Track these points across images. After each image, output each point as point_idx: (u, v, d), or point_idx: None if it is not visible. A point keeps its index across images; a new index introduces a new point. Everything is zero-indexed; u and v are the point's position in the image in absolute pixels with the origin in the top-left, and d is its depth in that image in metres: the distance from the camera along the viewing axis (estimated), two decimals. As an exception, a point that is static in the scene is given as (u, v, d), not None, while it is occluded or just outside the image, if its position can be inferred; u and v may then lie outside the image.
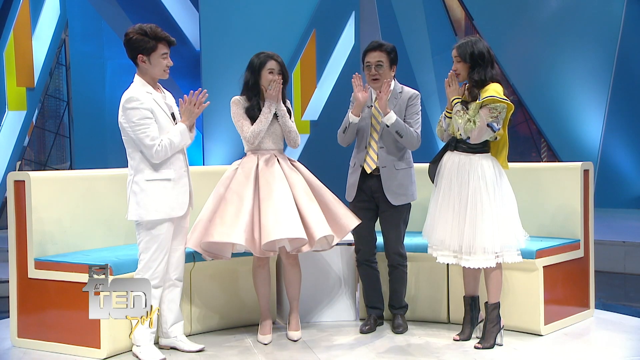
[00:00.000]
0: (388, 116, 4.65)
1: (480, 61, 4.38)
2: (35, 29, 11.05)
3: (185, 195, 4.33)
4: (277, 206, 4.44)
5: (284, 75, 4.67)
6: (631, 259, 8.11)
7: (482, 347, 4.45)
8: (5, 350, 4.58)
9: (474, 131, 4.35)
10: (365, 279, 4.97)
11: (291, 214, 4.43)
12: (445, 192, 4.47)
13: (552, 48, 12.05)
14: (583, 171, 5.13)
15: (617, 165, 12.26)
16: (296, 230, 4.40)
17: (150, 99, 4.22)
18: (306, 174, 4.73)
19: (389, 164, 4.73)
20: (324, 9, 11.32)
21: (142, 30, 4.22)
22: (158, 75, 4.30)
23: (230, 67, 10.06)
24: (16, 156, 10.98)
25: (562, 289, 4.98)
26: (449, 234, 4.43)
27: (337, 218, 4.62)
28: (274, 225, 4.38)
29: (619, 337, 4.82)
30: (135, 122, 4.15)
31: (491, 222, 4.34)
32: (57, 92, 12.05)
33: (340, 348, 4.57)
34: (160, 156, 4.19)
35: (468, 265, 4.39)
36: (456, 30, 13.03)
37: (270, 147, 4.67)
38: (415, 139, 4.72)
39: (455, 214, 4.41)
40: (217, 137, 10.66)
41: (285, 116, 4.65)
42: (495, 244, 4.35)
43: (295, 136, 4.70)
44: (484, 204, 4.34)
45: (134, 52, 4.24)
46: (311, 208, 4.53)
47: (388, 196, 4.72)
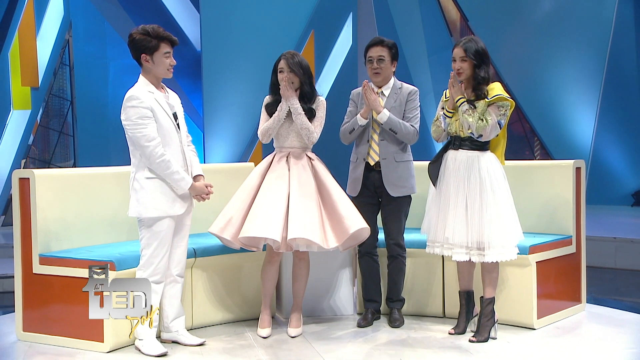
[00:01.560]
0: (380, 115, 4.74)
1: (485, 59, 4.45)
2: (40, 30, 11.09)
3: (186, 193, 4.35)
4: (303, 207, 4.52)
5: (296, 73, 4.69)
6: (622, 254, 8.18)
7: (476, 340, 4.49)
8: (11, 343, 4.62)
9: (486, 129, 4.37)
10: (366, 271, 5.02)
11: (314, 217, 4.51)
12: (454, 190, 4.47)
13: (545, 49, 12.12)
14: (575, 169, 5.17)
15: (609, 163, 12.35)
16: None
17: (152, 98, 4.25)
18: (320, 172, 4.74)
19: (389, 156, 4.80)
20: (322, 10, 11.36)
21: (145, 30, 4.27)
22: (161, 74, 4.34)
23: (231, 67, 10.16)
24: (21, 154, 11.02)
25: (554, 283, 5.02)
26: (462, 232, 4.42)
27: (341, 220, 4.59)
28: (299, 224, 4.45)
29: (609, 330, 4.86)
30: (134, 121, 4.19)
31: (507, 216, 4.41)
32: (61, 92, 12.09)
33: (339, 342, 4.61)
34: (151, 161, 4.20)
35: (488, 259, 4.40)
36: (451, 31, 13.08)
37: (287, 145, 4.74)
38: (412, 133, 4.79)
39: (468, 211, 4.42)
40: (218, 135, 10.69)
41: (297, 113, 4.67)
42: (514, 237, 4.43)
43: (307, 133, 4.70)
44: (497, 199, 4.39)
45: (137, 52, 4.29)
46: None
47: (388, 188, 4.78)
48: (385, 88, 4.89)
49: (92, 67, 11.28)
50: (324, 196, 4.66)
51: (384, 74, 4.85)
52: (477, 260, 4.45)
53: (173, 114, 4.37)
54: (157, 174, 4.25)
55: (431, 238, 4.61)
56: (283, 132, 4.74)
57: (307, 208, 4.54)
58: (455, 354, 4.30)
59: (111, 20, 11.07)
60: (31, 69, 11.01)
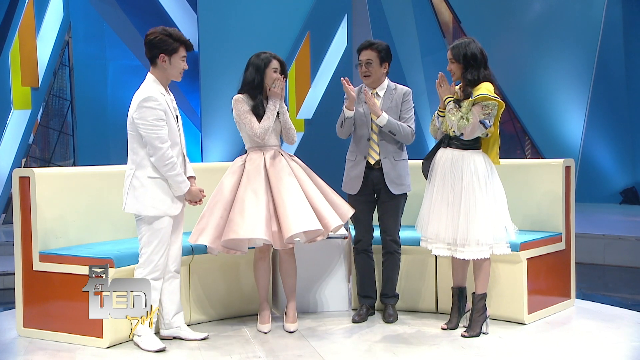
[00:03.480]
0: (380, 119, 4.80)
1: (473, 62, 4.48)
2: (40, 30, 11.10)
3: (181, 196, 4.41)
4: (292, 200, 4.52)
5: (285, 74, 4.77)
6: (610, 251, 8.26)
7: (468, 335, 4.54)
8: (12, 339, 4.65)
9: (467, 128, 4.44)
10: (361, 268, 5.06)
11: (306, 207, 4.53)
12: (439, 187, 4.56)
13: (536, 50, 12.20)
14: (565, 167, 5.22)
15: (597, 161, 12.44)
16: (314, 223, 4.49)
17: (164, 101, 4.31)
18: (304, 167, 4.82)
19: (389, 155, 4.88)
20: (317, 12, 11.41)
21: (167, 32, 4.33)
22: (174, 76, 4.40)
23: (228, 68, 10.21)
24: (21, 153, 11.03)
25: (544, 280, 5.07)
26: (443, 227, 4.51)
27: (336, 207, 4.70)
28: (294, 219, 4.45)
29: (598, 325, 4.90)
30: (150, 122, 4.23)
31: (484, 216, 4.43)
32: (61, 92, 12.11)
33: (335, 337, 4.66)
34: (159, 164, 4.25)
35: (462, 256, 4.48)
36: (444, 33, 13.13)
37: (274, 143, 4.77)
38: (410, 134, 4.87)
39: (449, 208, 4.50)
40: (215, 135, 10.72)
41: (286, 114, 4.76)
42: (488, 236, 4.44)
43: (293, 133, 4.81)
44: (477, 198, 4.44)
45: (155, 51, 4.33)
46: (320, 199, 4.64)
47: (389, 186, 4.85)
48: (379, 89, 4.95)
49: (91, 68, 11.29)
50: (309, 188, 4.67)
51: (374, 77, 4.91)
52: (457, 257, 4.52)
53: (176, 116, 4.43)
54: (161, 174, 4.30)
55: (423, 233, 4.68)
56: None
57: (296, 201, 4.55)
58: (447, 349, 4.35)
59: (110, 21, 11.09)
60: (31, 70, 11.01)
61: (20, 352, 4.39)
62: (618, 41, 12.27)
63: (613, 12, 12.10)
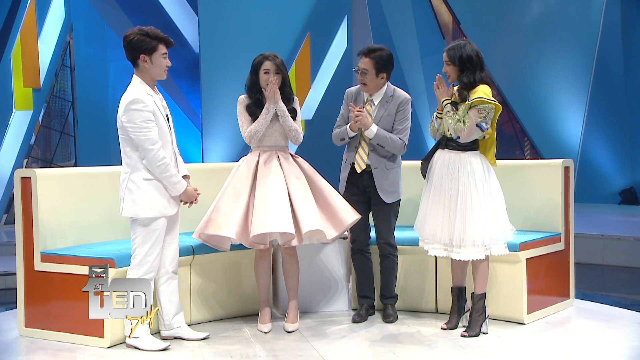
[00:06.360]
0: (368, 132, 4.77)
1: (469, 64, 4.47)
2: (41, 32, 11.12)
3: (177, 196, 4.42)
4: (269, 201, 4.54)
5: (282, 74, 4.72)
6: (609, 251, 8.28)
7: (468, 335, 4.55)
8: (13, 339, 4.66)
9: (463, 131, 4.45)
10: (359, 269, 5.07)
11: (282, 208, 4.53)
12: (436, 188, 4.57)
13: (535, 51, 12.20)
14: (564, 168, 5.23)
15: (596, 162, 12.46)
16: (284, 225, 4.49)
17: (152, 101, 4.29)
18: (307, 169, 4.82)
19: (381, 165, 4.84)
20: (318, 13, 11.42)
21: (143, 31, 4.31)
22: (158, 75, 4.37)
23: (228, 69, 10.24)
24: (23, 154, 11.05)
25: (543, 280, 5.08)
26: (440, 228, 4.52)
27: (336, 212, 4.71)
28: (263, 219, 4.48)
29: (597, 325, 4.92)
30: (138, 125, 4.22)
31: (480, 217, 4.44)
32: (62, 93, 12.14)
33: (335, 337, 4.66)
34: (152, 166, 4.26)
35: (458, 257, 4.49)
36: (444, 34, 13.16)
37: (271, 144, 4.76)
38: (399, 147, 4.82)
39: (446, 209, 4.51)
40: (215, 135, 10.73)
41: (285, 115, 4.70)
42: (485, 237, 4.45)
43: (296, 134, 4.76)
44: (473, 199, 4.45)
45: (135, 52, 4.30)
46: (304, 203, 4.62)
47: (381, 194, 4.83)
48: (375, 97, 4.89)
49: (92, 69, 11.31)
50: (315, 190, 4.73)
51: (370, 85, 4.84)
52: (453, 258, 4.54)
53: (166, 115, 4.42)
54: (155, 175, 4.30)
55: (420, 234, 4.70)
56: (267, 131, 4.75)
57: (309, 201, 4.62)
58: (447, 349, 4.36)
59: (111, 22, 11.09)
60: (33, 71, 11.02)
61: (21, 352, 4.40)
62: (617, 42, 12.30)
63: (612, 13, 12.12)
